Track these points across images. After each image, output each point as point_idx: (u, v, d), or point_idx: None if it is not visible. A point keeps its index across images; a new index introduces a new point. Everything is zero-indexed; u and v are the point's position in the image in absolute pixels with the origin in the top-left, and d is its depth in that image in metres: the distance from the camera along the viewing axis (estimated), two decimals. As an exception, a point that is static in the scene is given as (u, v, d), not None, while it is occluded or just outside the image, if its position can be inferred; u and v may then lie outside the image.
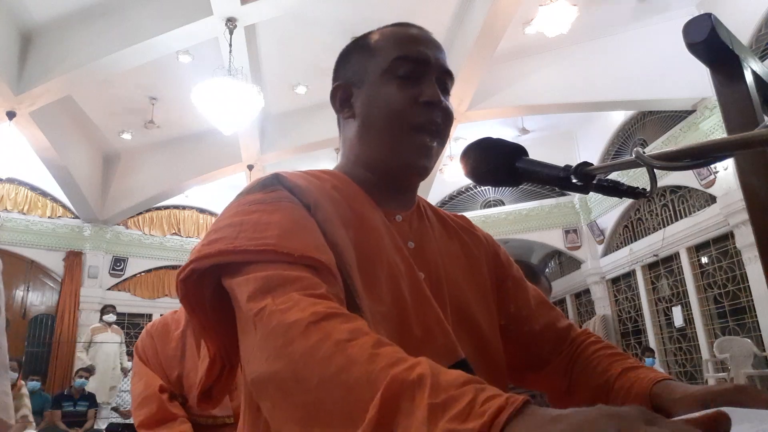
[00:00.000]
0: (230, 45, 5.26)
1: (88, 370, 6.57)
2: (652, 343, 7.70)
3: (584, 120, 8.72)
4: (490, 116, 7.42)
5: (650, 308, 7.97)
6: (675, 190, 7.50)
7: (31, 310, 8.43)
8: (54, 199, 8.79)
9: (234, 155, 7.75)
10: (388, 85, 0.76)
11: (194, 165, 8.14)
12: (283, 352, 0.49)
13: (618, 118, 8.37)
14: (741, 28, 5.80)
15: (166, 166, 8.28)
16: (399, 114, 0.75)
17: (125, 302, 8.96)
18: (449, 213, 0.92)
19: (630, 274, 8.49)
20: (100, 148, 8.24)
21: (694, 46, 0.64)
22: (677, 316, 7.36)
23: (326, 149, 8.10)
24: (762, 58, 5.80)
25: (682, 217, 7.31)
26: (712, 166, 6.13)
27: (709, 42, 0.62)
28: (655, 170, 0.54)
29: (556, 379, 0.85)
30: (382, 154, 0.78)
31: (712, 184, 6.47)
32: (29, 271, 8.53)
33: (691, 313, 7.11)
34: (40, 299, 8.55)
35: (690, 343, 7.27)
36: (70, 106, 7.01)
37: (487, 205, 10.12)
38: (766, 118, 0.63)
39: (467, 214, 1.35)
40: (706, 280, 7.03)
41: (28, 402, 5.05)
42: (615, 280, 8.98)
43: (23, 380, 5.39)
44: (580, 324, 9.45)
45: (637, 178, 7.11)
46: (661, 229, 7.63)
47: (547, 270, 11.15)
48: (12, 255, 8.21)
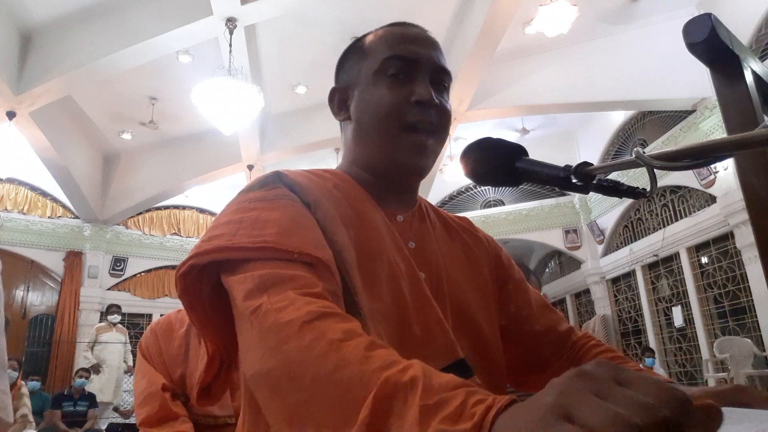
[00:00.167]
0: (230, 45, 5.26)
1: (87, 370, 6.56)
2: (652, 343, 7.70)
3: (584, 120, 8.72)
4: (490, 116, 7.42)
5: (650, 308, 7.97)
6: (675, 190, 7.49)
7: (31, 310, 8.43)
8: (54, 199, 8.80)
9: (234, 155, 7.76)
10: (380, 85, 0.76)
11: (194, 165, 8.14)
12: (278, 351, 0.49)
13: (618, 118, 8.36)
14: (741, 28, 5.80)
15: (166, 166, 8.28)
16: (391, 114, 0.75)
17: (125, 302, 8.94)
18: (451, 214, 0.92)
19: (630, 274, 8.48)
20: (100, 148, 8.24)
21: (694, 46, 0.64)
22: (677, 316, 7.36)
23: (326, 149, 8.10)
24: (762, 58, 5.80)
25: (682, 217, 7.31)
26: (712, 166, 6.13)
27: (709, 42, 0.62)
28: (655, 170, 0.53)
29: None
30: (378, 155, 0.77)
31: (712, 184, 6.47)
32: (29, 271, 8.53)
33: (691, 313, 7.11)
34: (40, 299, 8.55)
35: (690, 343, 7.27)
36: (70, 106, 7.01)
37: (487, 205, 10.11)
38: (766, 118, 0.63)
39: (467, 214, 1.36)
40: (706, 280, 7.03)
41: (28, 401, 5.06)
42: (615, 280, 8.98)
43: (23, 380, 5.39)
44: (580, 324, 9.45)
45: (637, 178, 7.11)
46: (661, 229, 7.63)
47: (547, 270, 11.15)
48: (12, 255, 8.21)
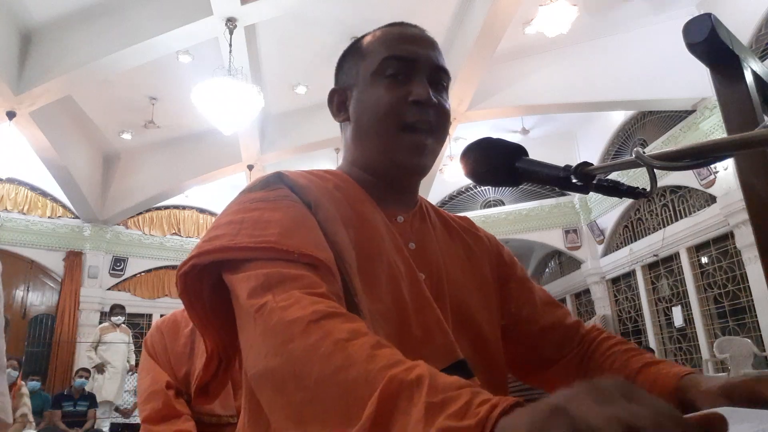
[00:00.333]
0: (230, 45, 5.26)
1: (87, 370, 6.55)
2: (652, 343, 7.70)
3: (584, 120, 8.72)
4: (490, 116, 7.42)
5: (650, 308, 7.97)
6: (675, 190, 7.49)
7: (31, 310, 8.43)
8: (54, 199, 8.79)
9: (234, 155, 7.75)
10: (378, 86, 0.76)
11: (194, 165, 8.14)
12: (283, 349, 0.49)
13: (618, 118, 8.36)
14: (741, 28, 5.80)
15: (166, 166, 8.28)
16: (389, 114, 0.75)
17: (125, 302, 8.90)
18: (451, 214, 0.92)
19: (630, 274, 8.48)
20: (100, 148, 8.24)
21: (694, 46, 0.64)
22: (677, 316, 7.36)
23: (326, 149, 8.10)
24: (762, 58, 5.80)
25: (682, 217, 7.31)
26: (712, 166, 6.13)
27: (709, 42, 0.62)
28: (655, 170, 0.53)
29: (567, 377, 0.84)
30: (377, 156, 0.77)
31: (712, 184, 6.47)
32: (29, 271, 8.53)
33: (691, 313, 7.11)
34: (40, 299, 8.55)
35: (690, 343, 7.27)
36: (70, 106, 7.01)
37: (487, 205, 10.11)
38: (766, 118, 0.63)
39: (467, 214, 1.35)
40: (706, 280, 7.03)
41: (28, 401, 5.05)
42: (615, 280, 8.98)
43: (23, 380, 5.39)
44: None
45: (637, 178, 7.10)
46: (661, 229, 7.63)
47: (547, 270, 11.15)
48: (12, 255, 8.21)
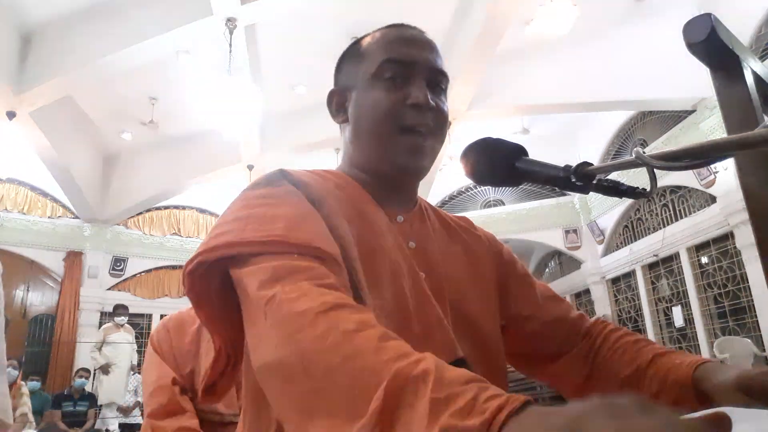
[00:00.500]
0: (230, 45, 5.26)
1: (87, 370, 6.55)
2: (652, 343, 7.70)
3: (584, 120, 8.72)
4: (490, 116, 7.42)
5: (650, 308, 7.97)
6: (675, 190, 7.49)
7: (31, 310, 8.42)
8: (54, 199, 8.79)
9: (234, 155, 7.75)
10: (376, 88, 0.77)
11: (194, 165, 8.13)
12: (292, 340, 0.49)
13: (618, 118, 8.36)
14: (741, 28, 5.80)
15: (166, 166, 8.27)
16: (387, 117, 0.75)
17: (125, 302, 8.89)
18: (451, 214, 0.92)
19: (630, 274, 8.48)
20: (100, 148, 8.24)
21: (694, 46, 0.64)
22: (677, 316, 7.36)
23: (326, 149, 8.09)
24: (762, 58, 5.80)
25: (682, 217, 7.31)
26: (712, 166, 6.13)
27: (709, 42, 0.62)
28: (655, 170, 0.53)
29: (573, 370, 0.84)
30: (376, 157, 0.78)
31: (712, 184, 6.47)
32: (29, 271, 8.52)
33: (691, 313, 7.11)
34: (40, 299, 8.54)
35: (690, 343, 7.27)
36: (70, 106, 7.01)
37: (487, 205, 10.12)
38: (766, 118, 0.62)
39: (467, 214, 1.36)
40: (706, 280, 7.03)
41: (28, 400, 5.06)
42: (615, 280, 8.98)
43: (23, 380, 5.40)
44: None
45: (637, 178, 7.11)
46: (661, 229, 7.63)
47: (547, 270, 11.15)
48: (12, 255, 8.20)
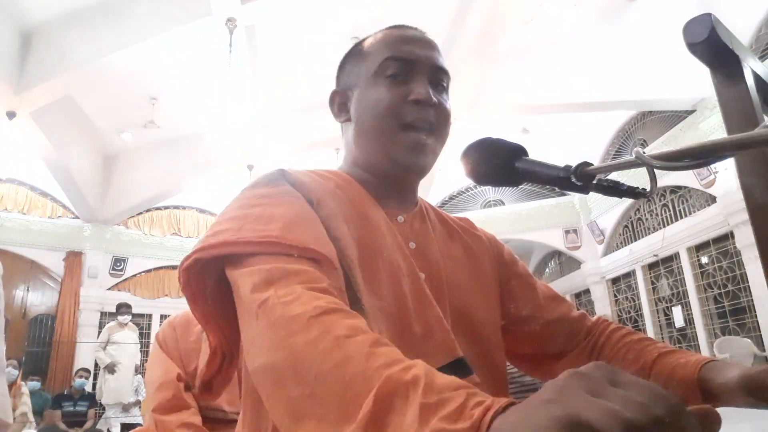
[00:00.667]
0: (230, 45, 5.26)
1: (87, 370, 6.55)
2: (652, 343, 7.70)
3: (584, 120, 8.71)
4: (490, 116, 7.42)
5: (650, 308, 7.97)
6: (675, 190, 7.49)
7: (31, 310, 8.42)
8: (54, 199, 8.79)
9: (234, 155, 7.74)
10: (378, 86, 0.77)
11: (194, 165, 8.13)
12: (284, 344, 0.49)
13: (618, 118, 8.36)
14: (741, 28, 5.80)
15: (166, 166, 8.27)
16: (389, 114, 0.75)
17: (125, 302, 8.94)
18: (451, 215, 0.92)
19: (630, 274, 8.48)
20: (100, 148, 8.24)
21: (694, 46, 0.64)
22: (677, 316, 7.36)
23: (326, 149, 8.09)
24: (762, 58, 5.80)
25: (682, 217, 7.31)
26: (712, 166, 6.13)
27: (709, 42, 0.62)
28: (655, 170, 0.53)
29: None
30: (378, 155, 0.78)
31: (712, 184, 6.47)
32: (29, 271, 8.52)
33: (691, 313, 7.11)
34: (40, 299, 8.54)
35: (690, 343, 7.27)
36: (70, 106, 7.01)
37: (487, 205, 10.12)
38: (766, 118, 0.62)
39: (467, 214, 1.36)
40: (706, 280, 7.03)
41: (28, 400, 5.06)
42: (615, 280, 8.98)
43: (23, 380, 5.40)
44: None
45: (637, 178, 7.11)
46: (661, 229, 7.63)
47: (547, 270, 11.15)
48: (12, 255, 8.20)
